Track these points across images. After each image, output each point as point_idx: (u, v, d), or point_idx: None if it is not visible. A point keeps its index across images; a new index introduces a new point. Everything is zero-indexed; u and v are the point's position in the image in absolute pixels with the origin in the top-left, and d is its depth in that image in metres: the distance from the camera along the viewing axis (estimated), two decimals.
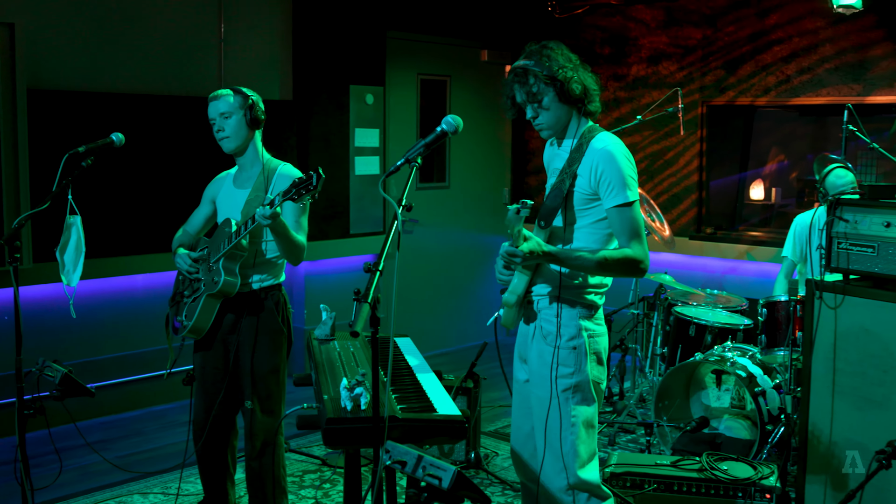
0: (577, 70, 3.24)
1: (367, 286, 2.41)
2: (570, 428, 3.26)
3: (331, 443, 2.63)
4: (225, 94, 3.99)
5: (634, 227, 3.20)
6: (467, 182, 8.31)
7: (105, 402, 6.14)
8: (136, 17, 6.14)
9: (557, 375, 3.25)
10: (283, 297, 4.11)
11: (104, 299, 6.11)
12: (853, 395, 3.75)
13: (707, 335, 5.66)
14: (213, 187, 4.26)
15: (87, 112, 5.89)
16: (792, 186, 7.74)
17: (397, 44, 7.59)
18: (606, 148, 3.19)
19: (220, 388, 4.05)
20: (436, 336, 8.12)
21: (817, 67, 6.85)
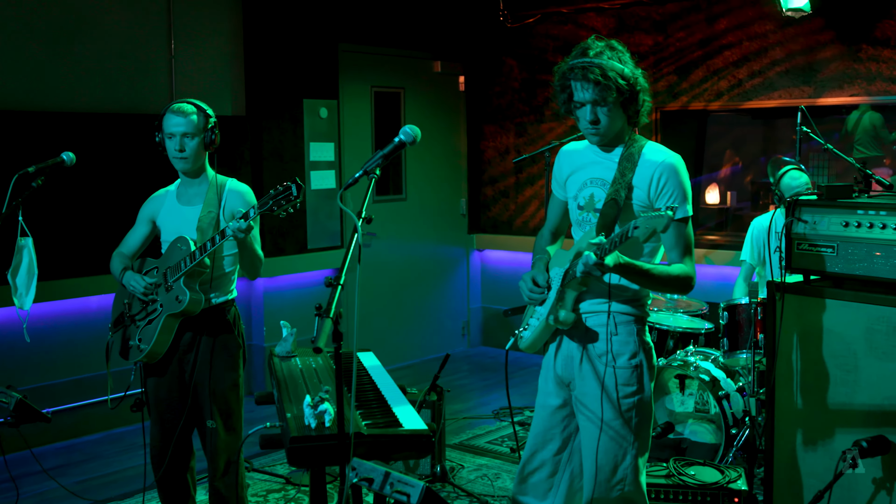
0: (641, 77, 3.10)
1: (329, 301, 2.35)
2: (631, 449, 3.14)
3: (296, 462, 2.57)
4: (189, 111, 3.88)
5: (689, 243, 3.13)
6: (424, 194, 8.28)
7: (62, 426, 6.01)
8: (85, 35, 6.04)
9: (620, 397, 3.12)
10: (237, 311, 4.08)
11: (58, 322, 5.99)
12: (817, 395, 3.75)
13: (669, 340, 5.66)
14: (150, 206, 4.13)
15: (35, 132, 5.78)
16: (747, 189, 7.80)
17: (350, 56, 7.55)
18: (669, 160, 3.10)
19: (178, 412, 3.98)
20: (397, 349, 8.06)
21: (768, 71, 6.91)
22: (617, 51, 3.06)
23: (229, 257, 3.97)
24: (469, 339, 8.75)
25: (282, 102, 7.03)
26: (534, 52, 8.15)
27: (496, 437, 6.06)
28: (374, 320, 7.85)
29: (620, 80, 2.98)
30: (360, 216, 2.57)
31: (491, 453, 5.75)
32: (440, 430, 5.21)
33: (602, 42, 3.08)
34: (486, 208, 8.69)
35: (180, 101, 3.92)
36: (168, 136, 3.89)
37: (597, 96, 3.01)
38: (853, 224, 3.68)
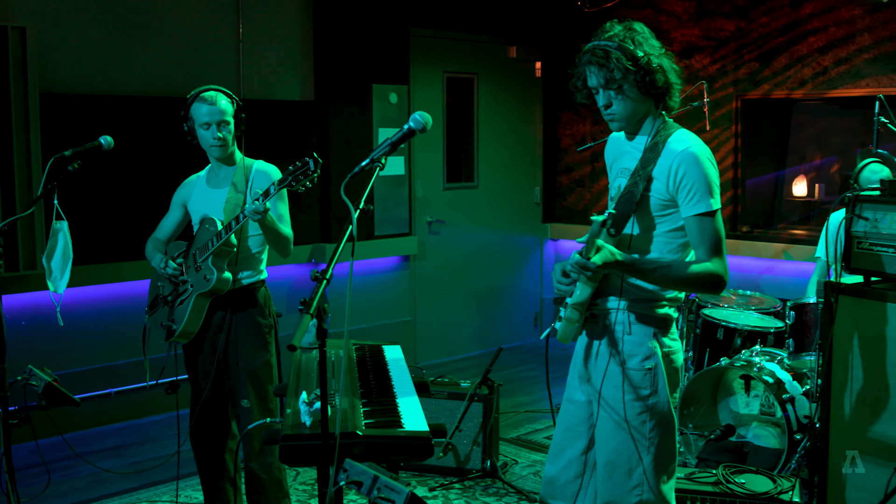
0: (662, 59, 2.89)
1: (311, 296, 2.24)
2: (646, 455, 2.97)
3: (288, 460, 2.49)
4: (221, 98, 3.89)
5: (716, 239, 2.89)
6: (497, 181, 8.13)
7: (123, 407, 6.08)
8: (151, 19, 6.06)
9: (631, 399, 2.96)
10: (267, 292, 4.08)
11: (92, 306, 6.02)
12: (876, 406, 3.51)
13: (736, 338, 5.42)
14: (182, 192, 4.19)
15: (100, 116, 5.83)
16: (835, 181, 7.45)
17: (422, 41, 7.44)
18: (690, 149, 2.85)
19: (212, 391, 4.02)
20: (466, 339, 7.96)
21: (855, 58, 6.56)
22: (634, 32, 2.88)
23: (256, 237, 3.98)
24: (540, 330, 8.59)
25: (351, 87, 6.97)
26: None
27: None
28: (440, 308, 7.75)
29: (625, 61, 2.81)
30: (357, 207, 2.46)
31: (547, 449, 5.58)
32: (492, 425, 5.08)
33: (620, 25, 2.90)
34: (561, 197, 8.51)
35: (207, 90, 3.91)
36: (203, 125, 3.89)
37: (602, 79, 2.87)
38: None
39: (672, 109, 2.97)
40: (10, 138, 5.33)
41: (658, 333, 2.98)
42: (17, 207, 5.35)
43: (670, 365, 3.00)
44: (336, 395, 2.63)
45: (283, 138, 6.67)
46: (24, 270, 5.42)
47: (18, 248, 5.38)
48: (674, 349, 3.02)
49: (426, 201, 7.58)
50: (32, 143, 5.42)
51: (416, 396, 2.95)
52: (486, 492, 4.95)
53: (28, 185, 5.42)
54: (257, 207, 3.58)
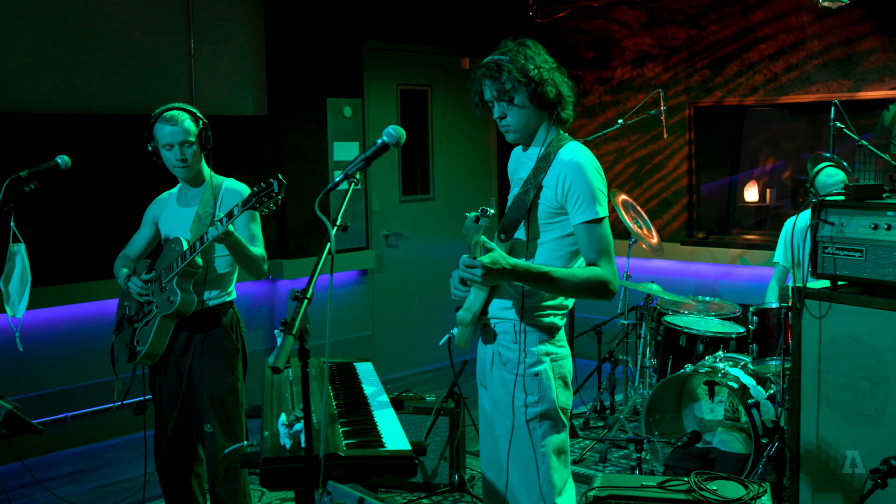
0: (553, 73, 3.02)
1: (293, 316, 2.19)
2: (541, 458, 3.05)
3: (269, 484, 2.42)
4: (182, 118, 3.80)
5: (604, 246, 2.98)
6: (452, 193, 8.11)
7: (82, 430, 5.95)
8: (102, 35, 5.95)
9: (521, 404, 3.03)
10: (235, 313, 4.01)
11: (52, 329, 5.87)
12: (845, 408, 3.54)
13: (698, 345, 5.45)
14: (154, 209, 4.11)
15: (51, 134, 5.70)
16: (786, 187, 7.54)
17: (375, 54, 7.40)
18: (575, 159, 2.96)
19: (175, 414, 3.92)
20: (423, 352, 7.91)
21: (805, 64, 6.65)
22: (525, 47, 3.01)
23: (223, 258, 3.90)
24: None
25: (304, 101, 6.91)
26: (564, 48, 7.95)
27: None
28: (399, 321, 7.71)
29: (516, 74, 2.92)
30: (334, 224, 2.42)
31: None
32: (458, 439, 5.05)
33: (513, 42, 3.04)
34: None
35: (170, 109, 3.82)
36: (165, 146, 3.81)
37: (496, 92, 2.98)
38: (883, 226, 3.47)
39: (566, 122, 3.08)
40: None
41: (545, 340, 3.06)
42: None
43: (558, 371, 3.07)
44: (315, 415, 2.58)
45: (237, 154, 6.59)
46: None
47: None
48: (560, 355, 3.10)
49: (382, 214, 7.53)
50: None
51: (395, 415, 2.91)
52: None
53: None
54: (219, 231, 3.52)
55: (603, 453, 5.57)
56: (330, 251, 2.33)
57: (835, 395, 3.58)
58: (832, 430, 3.60)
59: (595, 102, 7.78)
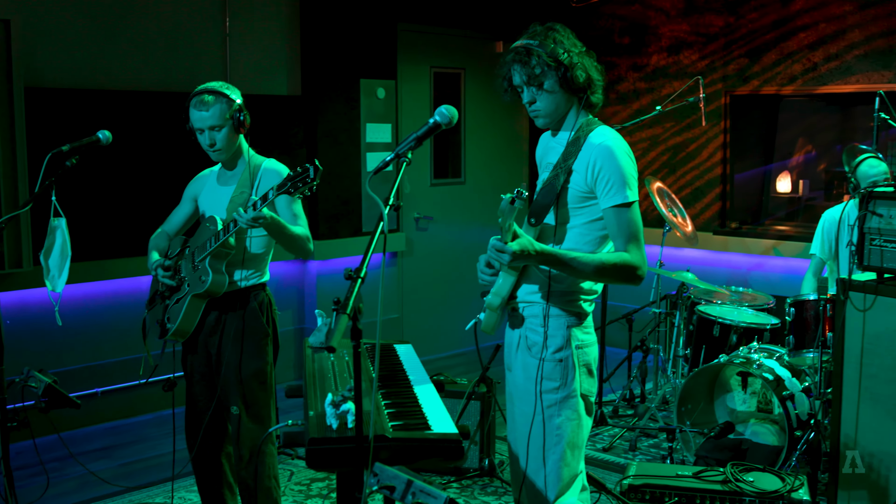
0: (583, 57, 2.99)
1: (347, 295, 2.17)
2: (553, 447, 3.02)
3: (315, 465, 2.41)
4: (211, 102, 3.71)
5: (633, 230, 2.95)
6: (483, 177, 8.08)
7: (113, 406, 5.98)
8: (137, 12, 5.95)
9: (542, 390, 3.01)
10: (268, 296, 3.95)
11: (86, 305, 5.89)
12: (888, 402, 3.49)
13: (732, 335, 5.41)
14: (194, 185, 4.07)
15: (86, 110, 5.71)
16: (820, 178, 7.47)
17: (409, 36, 7.37)
18: (605, 143, 2.94)
19: (205, 393, 3.92)
20: (453, 336, 7.90)
21: (845, 54, 6.57)
22: (554, 32, 2.99)
23: (259, 239, 3.84)
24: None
25: (338, 82, 6.88)
26: (599, 34, 7.89)
27: None
28: (429, 305, 7.70)
29: (546, 58, 2.91)
30: (387, 203, 2.39)
31: None
32: (489, 423, 5.03)
33: (541, 26, 3.01)
34: None
35: (202, 92, 3.74)
36: (197, 130, 3.76)
37: (525, 77, 2.98)
38: None
39: (595, 106, 3.07)
40: None
41: (572, 326, 3.03)
42: (1, 204, 5.23)
43: (583, 358, 3.05)
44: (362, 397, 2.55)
45: (270, 134, 6.58)
46: (10, 268, 5.30)
47: (3, 246, 5.25)
48: (586, 342, 3.07)
49: (413, 197, 7.51)
50: (18, 138, 5.29)
51: (439, 397, 2.89)
52: (484, 490, 4.90)
53: (13, 181, 5.29)
54: (254, 215, 3.45)
55: (633, 442, 5.54)
56: (383, 230, 2.29)
57: (878, 390, 3.53)
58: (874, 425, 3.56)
59: (629, 89, 7.72)
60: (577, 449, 3.07)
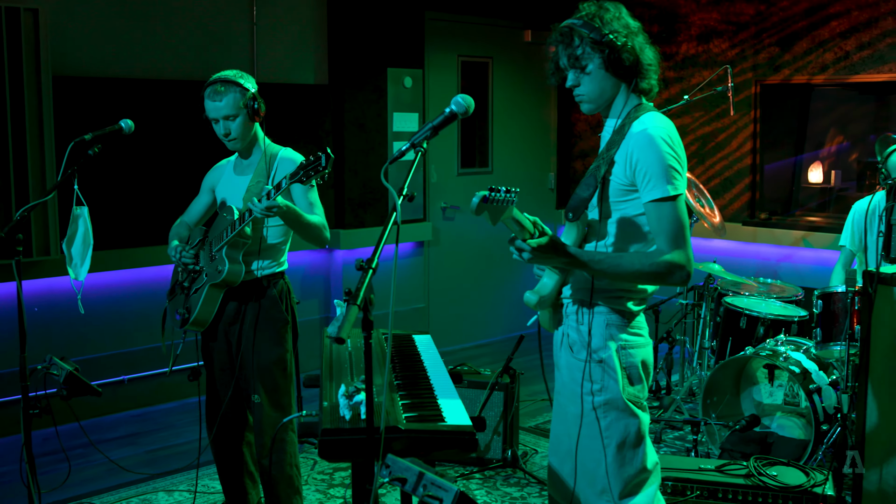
0: (633, 38, 2.77)
1: (358, 286, 2.16)
2: (607, 450, 2.82)
3: (328, 455, 2.40)
4: (224, 92, 3.71)
5: (675, 227, 2.70)
6: (511, 167, 8.05)
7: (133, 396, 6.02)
8: (165, 1, 5.96)
9: (585, 391, 2.83)
10: (286, 284, 3.96)
11: (112, 293, 5.93)
12: None
13: (759, 327, 5.35)
14: (212, 175, 4.09)
15: (113, 98, 5.74)
16: (852, 169, 7.36)
17: (436, 24, 7.34)
18: (646, 130, 2.70)
19: (226, 382, 3.94)
20: (478, 326, 7.89)
21: (878, 42, 6.47)
22: (604, 10, 2.79)
23: (275, 228, 3.85)
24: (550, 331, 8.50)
25: (365, 71, 6.87)
26: None
27: None
28: (454, 295, 7.68)
29: (589, 39, 2.73)
30: (401, 193, 2.37)
31: None
32: (512, 414, 5.02)
33: (594, 5, 2.81)
34: (575, 183, 8.40)
35: (214, 82, 3.74)
36: (212, 120, 3.77)
37: (567, 59, 2.80)
38: None
39: (647, 91, 2.85)
40: (24, 122, 5.25)
41: (614, 326, 2.84)
42: (30, 191, 5.27)
43: (626, 360, 2.84)
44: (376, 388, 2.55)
45: (297, 123, 6.59)
46: (38, 256, 5.35)
47: (31, 234, 5.30)
48: (631, 343, 2.85)
49: (440, 187, 7.49)
50: (45, 126, 5.34)
51: (454, 388, 2.87)
52: (507, 482, 4.89)
53: (41, 169, 5.33)
54: (268, 205, 3.44)
55: (658, 434, 5.50)
56: (395, 221, 2.27)
57: None
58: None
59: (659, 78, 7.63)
60: (634, 448, 2.84)
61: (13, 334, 4.81)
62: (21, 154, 5.25)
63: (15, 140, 5.23)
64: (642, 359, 2.87)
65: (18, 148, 5.24)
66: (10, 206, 5.23)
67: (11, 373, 5.32)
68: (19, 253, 3.41)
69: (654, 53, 2.84)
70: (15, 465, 4.90)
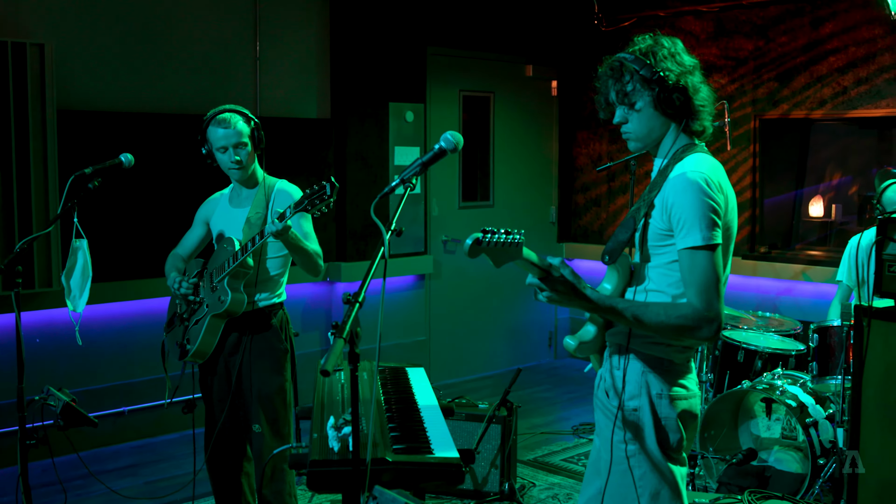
0: (686, 77, 2.64)
1: (344, 319, 2.19)
2: (638, 499, 2.69)
3: (315, 487, 2.43)
4: (235, 120, 3.82)
5: (705, 279, 2.54)
6: (512, 200, 8.09)
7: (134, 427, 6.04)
8: (169, 36, 6.05)
9: (617, 440, 2.70)
10: (285, 315, 4.02)
11: (111, 325, 5.96)
12: None
13: (757, 361, 5.36)
14: (206, 208, 4.15)
15: (117, 132, 5.81)
16: (853, 202, 7.39)
17: (438, 59, 7.42)
18: (685, 174, 2.57)
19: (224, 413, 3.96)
20: (480, 359, 7.90)
21: (876, 78, 6.52)
22: (659, 46, 2.67)
23: (276, 259, 3.93)
24: (556, 351, 8.53)
25: (367, 105, 6.94)
26: None
27: (573, 455, 5.85)
28: (456, 328, 7.70)
29: (639, 75, 2.62)
30: (389, 228, 2.41)
31: (565, 472, 5.54)
32: (510, 447, 5.03)
33: (650, 39, 2.71)
34: (577, 216, 8.46)
35: (222, 111, 3.85)
36: (220, 149, 3.84)
37: (616, 94, 2.70)
38: None
39: (699, 133, 2.72)
40: (28, 155, 5.31)
41: (651, 373, 2.70)
42: (33, 224, 5.33)
43: (663, 411, 2.69)
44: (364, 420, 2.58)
45: (300, 156, 6.65)
46: (40, 288, 5.39)
47: (34, 266, 5.35)
48: (671, 394, 2.70)
49: (442, 220, 7.54)
50: (49, 159, 5.40)
51: (444, 421, 2.89)
52: None
53: (45, 201, 5.39)
54: (275, 228, 3.51)
55: None
56: (383, 255, 2.31)
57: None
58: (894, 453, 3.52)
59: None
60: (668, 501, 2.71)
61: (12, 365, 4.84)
62: (25, 186, 5.31)
63: (19, 172, 5.29)
64: (682, 410, 2.71)
65: (22, 180, 5.30)
66: (14, 239, 5.28)
67: (9, 404, 5.34)
68: (19, 285, 3.46)
69: (708, 93, 2.73)
70: (12, 496, 4.91)
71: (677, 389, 2.71)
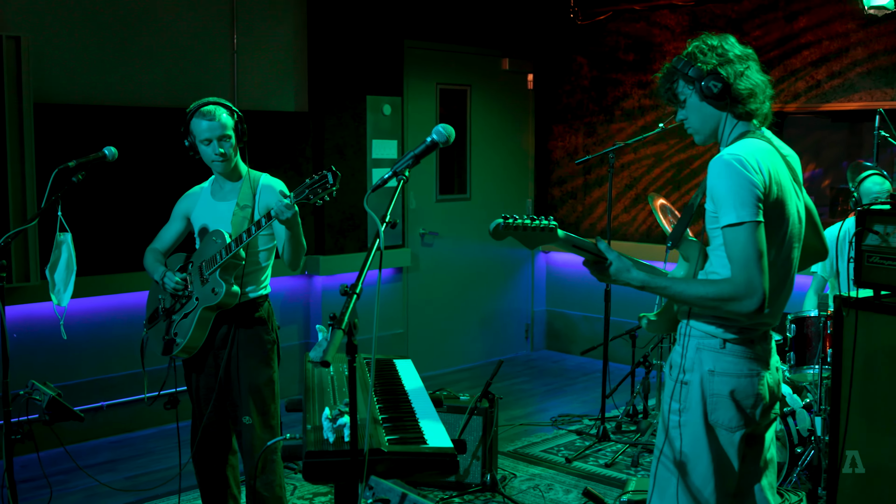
0: (727, 66, 2.75)
1: (343, 311, 2.21)
2: (680, 471, 2.78)
3: (311, 478, 2.44)
4: (219, 113, 3.82)
5: (744, 253, 2.62)
6: (489, 193, 8.12)
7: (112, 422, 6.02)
8: (146, 29, 6.02)
9: (672, 410, 2.82)
10: (270, 307, 4.04)
11: (92, 318, 5.95)
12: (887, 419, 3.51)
13: None
14: (184, 203, 4.12)
15: (94, 126, 5.78)
16: (825, 195, 7.48)
17: (415, 53, 7.43)
18: (722, 157, 2.68)
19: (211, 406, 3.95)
20: (458, 351, 7.93)
21: (849, 72, 6.60)
22: (700, 42, 2.84)
23: (264, 252, 3.95)
24: (532, 343, 8.58)
25: (345, 98, 6.94)
26: (605, 50, 7.94)
27: (552, 446, 5.89)
28: (434, 321, 7.73)
29: (681, 73, 2.80)
30: (383, 220, 2.43)
31: (545, 462, 5.58)
32: (491, 438, 5.06)
33: (697, 41, 2.86)
34: (552, 209, 8.50)
35: (206, 104, 3.84)
36: (203, 141, 3.84)
37: (669, 96, 2.88)
38: None
39: (751, 116, 2.81)
40: (5, 148, 5.27)
41: (705, 350, 2.78)
42: (10, 218, 5.29)
43: (712, 387, 2.76)
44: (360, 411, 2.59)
45: (278, 149, 6.65)
46: (18, 282, 5.35)
47: (11, 260, 5.31)
48: (721, 370, 2.76)
49: (419, 213, 7.56)
50: (27, 153, 5.35)
51: (436, 412, 2.92)
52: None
53: (22, 196, 5.35)
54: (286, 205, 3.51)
55: (635, 458, 5.55)
56: (379, 247, 2.33)
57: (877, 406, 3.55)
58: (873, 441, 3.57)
59: (634, 106, 7.75)
60: (700, 490, 2.79)
61: None
62: (2, 181, 5.27)
63: None
64: (733, 388, 2.76)
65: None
66: None
67: None
68: (2, 279, 3.43)
69: (756, 79, 2.80)
70: None
71: (731, 367, 2.76)
